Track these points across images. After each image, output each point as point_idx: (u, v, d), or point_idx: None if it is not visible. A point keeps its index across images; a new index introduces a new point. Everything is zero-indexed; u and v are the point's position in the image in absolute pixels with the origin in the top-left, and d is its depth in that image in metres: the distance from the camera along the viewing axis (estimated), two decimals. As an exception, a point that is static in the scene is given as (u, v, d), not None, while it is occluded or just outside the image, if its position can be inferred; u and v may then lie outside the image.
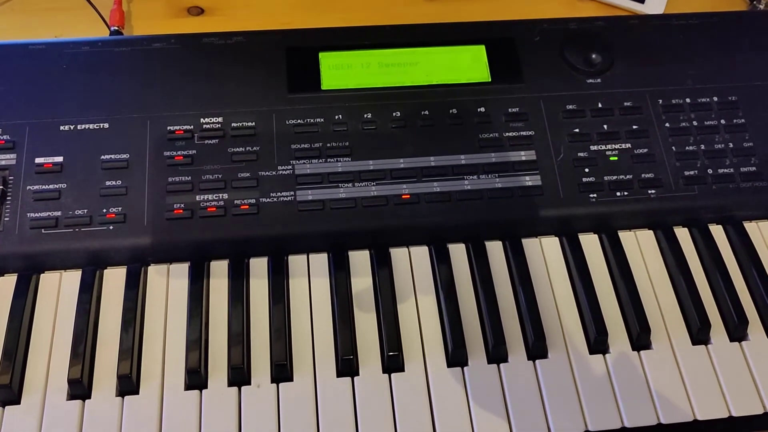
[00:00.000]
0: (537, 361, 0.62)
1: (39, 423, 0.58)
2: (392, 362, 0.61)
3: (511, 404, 0.60)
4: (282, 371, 0.60)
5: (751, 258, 0.68)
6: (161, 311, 0.63)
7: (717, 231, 0.70)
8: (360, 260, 0.66)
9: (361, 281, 0.65)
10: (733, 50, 0.75)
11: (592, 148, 0.70)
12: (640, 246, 0.69)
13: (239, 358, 0.60)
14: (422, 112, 0.70)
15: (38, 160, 0.65)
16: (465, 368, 0.61)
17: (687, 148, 0.70)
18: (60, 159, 0.66)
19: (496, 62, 0.73)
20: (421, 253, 0.67)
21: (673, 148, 0.70)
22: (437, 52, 0.73)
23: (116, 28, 0.79)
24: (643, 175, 0.69)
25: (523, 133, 0.70)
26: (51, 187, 0.65)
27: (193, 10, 0.85)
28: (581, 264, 0.67)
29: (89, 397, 0.59)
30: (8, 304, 0.62)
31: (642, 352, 0.63)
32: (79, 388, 0.59)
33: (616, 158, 0.69)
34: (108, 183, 0.65)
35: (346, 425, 0.58)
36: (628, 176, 0.69)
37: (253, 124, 0.68)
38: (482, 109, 0.70)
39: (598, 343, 0.63)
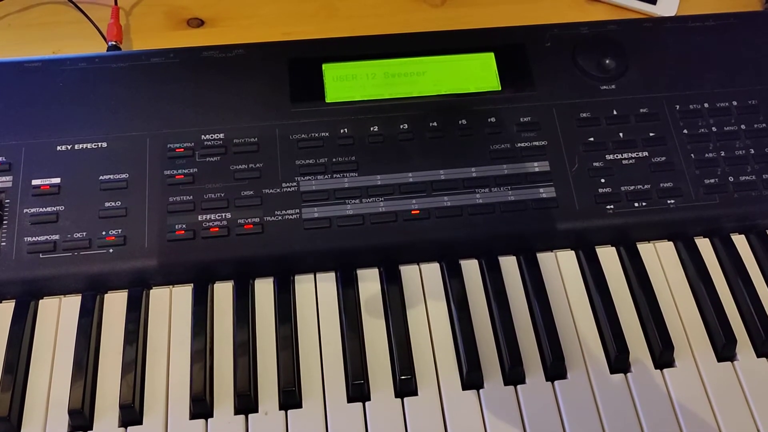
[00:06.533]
0: (556, 382, 0.59)
1: (39, 457, 0.56)
2: (405, 386, 0.58)
3: (530, 428, 0.57)
4: (290, 398, 0.58)
5: (776, 268, 0.65)
6: (164, 336, 0.61)
7: (740, 241, 0.67)
8: (369, 278, 0.64)
9: (371, 300, 0.63)
10: (752, 52, 0.73)
11: (608, 157, 0.67)
12: (660, 258, 0.66)
13: (245, 384, 0.58)
14: (431, 124, 0.68)
15: (35, 182, 0.64)
16: (481, 391, 0.59)
17: (706, 155, 0.68)
18: (57, 180, 0.64)
19: (506, 70, 0.70)
20: (432, 270, 0.65)
21: (692, 155, 0.68)
22: (445, 61, 0.71)
23: (114, 43, 0.77)
24: (661, 185, 0.66)
25: (536, 143, 0.67)
26: (48, 209, 0.63)
27: (193, 22, 0.83)
28: (599, 278, 0.64)
29: (91, 429, 0.57)
30: (6, 331, 0.60)
31: (665, 370, 0.60)
32: (80, 419, 0.56)
33: (632, 167, 0.67)
34: (107, 204, 0.63)
35: (358, 453, 0.56)
36: (646, 186, 0.66)
37: (256, 139, 0.66)
38: (493, 119, 0.68)
39: (618, 361, 0.60)
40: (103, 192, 0.63)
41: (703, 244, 0.67)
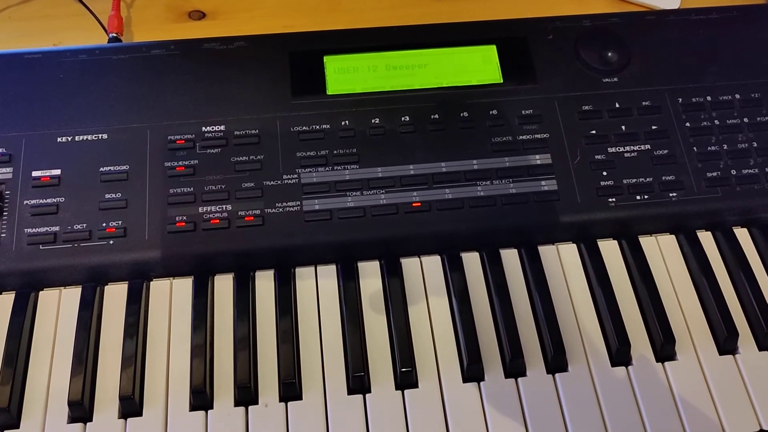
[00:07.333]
0: (557, 375, 0.59)
1: (39, 448, 0.56)
2: (405, 378, 0.58)
3: (531, 421, 0.57)
4: (291, 390, 0.58)
5: (778, 262, 0.65)
6: (164, 328, 0.61)
7: (742, 234, 0.67)
8: (370, 271, 0.64)
9: (372, 293, 0.63)
10: (755, 45, 0.72)
11: (610, 150, 0.67)
12: (662, 251, 0.66)
13: (246, 376, 0.58)
14: (432, 116, 0.67)
15: (35, 174, 0.63)
16: (481, 383, 0.59)
17: (709, 148, 0.67)
18: (58, 172, 0.64)
19: (508, 63, 0.70)
20: (433, 263, 0.64)
21: (695, 148, 0.67)
22: (446, 53, 0.70)
23: (115, 34, 0.76)
24: (663, 178, 0.66)
25: (538, 135, 0.67)
26: (49, 201, 0.62)
27: (194, 15, 0.82)
28: (601, 271, 0.64)
29: (90, 420, 0.57)
30: (6, 323, 0.60)
31: (666, 363, 0.60)
32: (80, 411, 0.56)
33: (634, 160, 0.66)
34: (107, 196, 0.63)
35: (359, 446, 0.56)
36: (648, 179, 0.66)
37: (257, 131, 0.66)
38: (494, 112, 0.68)
39: (620, 354, 0.60)
40: (103, 183, 0.63)
41: (705, 238, 0.66)
